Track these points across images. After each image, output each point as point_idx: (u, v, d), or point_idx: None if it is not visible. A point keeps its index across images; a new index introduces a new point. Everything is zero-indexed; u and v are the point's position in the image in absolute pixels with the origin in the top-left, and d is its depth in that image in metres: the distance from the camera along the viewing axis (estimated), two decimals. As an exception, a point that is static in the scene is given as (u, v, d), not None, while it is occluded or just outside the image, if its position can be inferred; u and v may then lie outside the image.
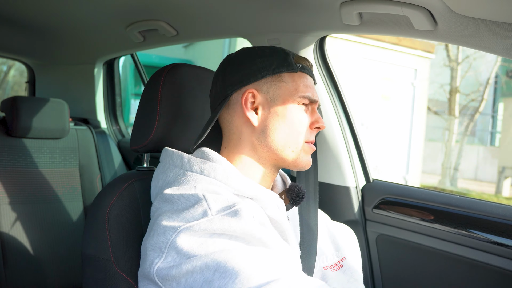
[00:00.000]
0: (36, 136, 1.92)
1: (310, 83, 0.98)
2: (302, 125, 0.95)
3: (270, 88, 0.95)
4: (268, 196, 0.92)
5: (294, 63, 0.96)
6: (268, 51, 0.98)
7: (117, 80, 2.58)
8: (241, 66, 0.96)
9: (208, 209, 0.79)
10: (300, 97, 0.95)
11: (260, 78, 0.94)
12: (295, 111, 0.95)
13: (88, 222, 0.97)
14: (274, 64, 0.95)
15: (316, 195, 1.13)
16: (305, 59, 1.01)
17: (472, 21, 0.97)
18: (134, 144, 1.07)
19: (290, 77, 0.96)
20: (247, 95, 0.94)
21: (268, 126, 0.94)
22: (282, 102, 0.94)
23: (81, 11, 1.64)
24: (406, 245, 1.36)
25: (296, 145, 0.95)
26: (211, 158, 0.93)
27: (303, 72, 0.98)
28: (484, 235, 1.18)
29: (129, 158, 2.33)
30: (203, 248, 0.74)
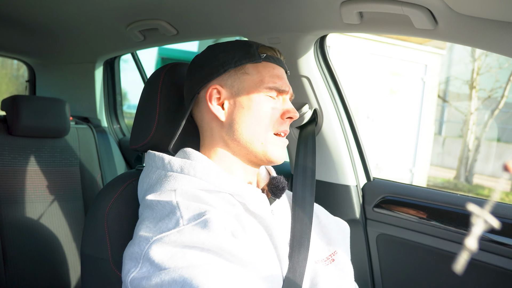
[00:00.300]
0: (36, 135, 1.92)
1: (277, 73, 0.97)
2: (270, 116, 0.94)
3: (234, 81, 0.95)
4: (249, 191, 0.92)
5: (257, 53, 0.96)
6: (230, 45, 0.98)
7: (117, 78, 2.58)
8: (205, 63, 0.98)
9: (180, 218, 0.79)
10: (266, 88, 0.94)
11: (223, 72, 0.95)
12: (261, 103, 0.94)
13: (88, 222, 0.97)
14: (236, 57, 0.95)
15: (312, 189, 1.13)
16: (271, 49, 0.99)
17: (472, 20, 0.96)
18: (134, 143, 1.07)
19: (254, 68, 0.95)
20: (211, 91, 0.95)
21: (235, 119, 0.94)
22: (247, 94, 0.94)
23: (82, 10, 1.64)
24: (407, 244, 1.36)
25: (264, 137, 0.94)
26: (191, 156, 0.94)
27: (269, 62, 0.97)
28: (484, 234, 1.18)
29: (130, 157, 2.33)
30: (173, 261, 0.74)
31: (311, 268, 0.97)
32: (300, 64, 1.43)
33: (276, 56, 0.99)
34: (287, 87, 0.98)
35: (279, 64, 0.99)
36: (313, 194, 1.12)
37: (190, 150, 0.95)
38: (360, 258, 1.45)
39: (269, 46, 1.00)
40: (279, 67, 0.98)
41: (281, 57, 1.01)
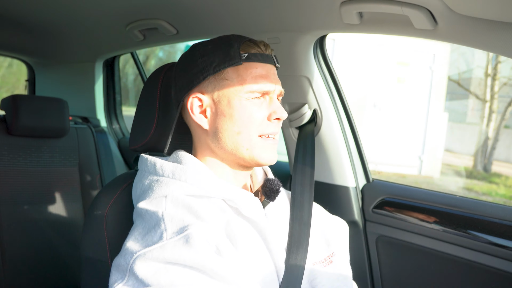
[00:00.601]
0: (36, 135, 1.92)
1: (261, 72, 0.91)
2: (253, 120, 0.90)
3: (214, 88, 0.91)
4: (241, 195, 0.91)
5: (237, 55, 0.90)
6: (210, 47, 0.93)
7: (117, 78, 2.57)
8: (186, 68, 0.94)
9: (164, 231, 0.78)
10: (248, 91, 0.90)
11: (203, 79, 0.91)
12: (243, 108, 0.90)
13: (87, 223, 0.97)
14: (215, 61, 0.91)
15: (311, 189, 1.12)
16: (256, 45, 0.93)
17: (472, 20, 0.96)
18: (133, 143, 1.07)
19: (234, 72, 0.91)
20: (192, 100, 0.93)
21: (218, 128, 0.91)
22: (227, 101, 0.90)
23: (82, 9, 1.64)
24: (406, 246, 1.36)
25: (249, 142, 0.90)
26: (183, 160, 0.93)
27: (251, 62, 0.91)
28: (484, 236, 1.18)
29: (129, 157, 2.32)
30: (156, 278, 0.74)
31: (309, 269, 0.96)
32: (300, 64, 1.42)
33: (261, 52, 0.93)
34: (273, 86, 0.93)
35: (265, 61, 0.93)
36: (312, 194, 1.11)
37: (183, 154, 0.95)
38: (360, 259, 1.45)
39: (254, 42, 0.94)
40: (264, 64, 0.93)
41: (267, 51, 0.95)
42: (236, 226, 0.87)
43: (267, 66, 0.93)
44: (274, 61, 0.96)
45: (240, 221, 0.89)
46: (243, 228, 0.88)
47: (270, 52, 0.95)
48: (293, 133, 1.51)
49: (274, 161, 0.94)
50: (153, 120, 1.02)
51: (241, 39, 0.94)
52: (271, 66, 0.94)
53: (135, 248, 0.78)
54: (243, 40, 0.93)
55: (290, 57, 1.41)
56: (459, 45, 4.42)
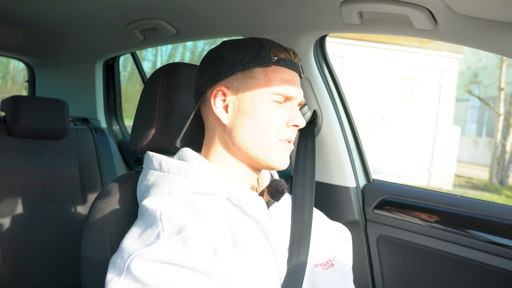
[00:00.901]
0: (36, 136, 1.92)
1: (287, 77, 0.92)
2: (274, 123, 0.91)
3: (240, 85, 0.92)
4: (246, 194, 0.91)
5: (268, 56, 0.91)
6: (242, 45, 0.94)
7: (117, 79, 2.57)
8: (215, 62, 0.95)
9: (161, 232, 0.78)
10: (272, 93, 0.91)
11: (230, 74, 0.92)
12: (266, 109, 0.90)
13: (87, 224, 0.97)
14: (246, 59, 0.91)
15: (312, 190, 1.12)
16: (286, 51, 0.95)
17: (472, 20, 0.96)
18: (134, 144, 1.07)
19: (262, 72, 0.92)
20: (216, 92, 0.93)
21: (237, 125, 0.92)
22: (251, 99, 0.91)
23: (82, 10, 1.64)
24: (407, 246, 1.36)
25: (267, 144, 0.91)
26: (188, 158, 0.93)
27: (280, 66, 0.92)
28: (484, 235, 1.18)
29: (129, 158, 2.32)
30: (153, 277, 0.74)
31: (310, 271, 0.96)
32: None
33: (290, 59, 0.94)
34: (296, 93, 0.94)
35: (292, 68, 0.94)
36: (313, 195, 1.11)
37: (188, 151, 0.95)
38: (361, 259, 1.45)
39: (284, 48, 0.95)
40: (291, 71, 0.94)
41: (295, 59, 0.96)
42: (240, 225, 0.87)
43: (294, 73, 0.95)
44: (300, 70, 0.97)
45: (244, 220, 0.89)
46: (247, 227, 0.88)
47: (297, 61, 0.97)
48: (294, 133, 1.51)
49: (285, 166, 0.94)
50: (154, 121, 1.02)
51: (273, 43, 0.95)
52: (296, 74, 0.96)
53: (132, 247, 0.78)
54: (275, 45, 0.95)
55: (290, 57, 1.41)
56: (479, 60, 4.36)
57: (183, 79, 1.05)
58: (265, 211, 0.94)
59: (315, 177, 1.18)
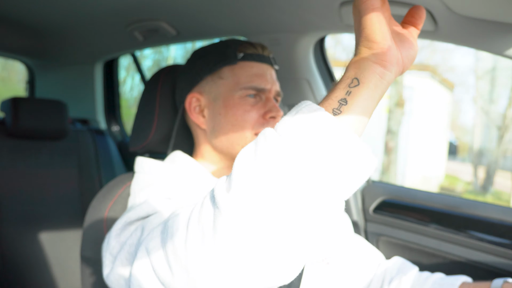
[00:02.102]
0: (35, 137, 1.91)
1: (256, 71, 0.92)
2: (247, 119, 0.90)
3: (211, 88, 0.93)
4: None
5: (233, 54, 0.92)
6: (209, 49, 0.96)
7: (116, 80, 2.57)
8: (187, 70, 0.97)
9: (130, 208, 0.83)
10: (243, 88, 0.91)
11: (200, 80, 0.94)
12: (238, 106, 0.91)
13: (87, 225, 0.97)
14: (212, 61, 0.93)
15: None
16: (252, 46, 0.94)
17: (472, 21, 0.96)
18: (133, 145, 1.07)
19: (229, 71, 0.92)
20: (190, 100, 0.95)
21: (214, 127, 0.93)
22: (223, 100, 0.92)
23: (81, 10, 1.64)
24: (406, 247, 1.36)
25: (244, 140, 0.91)
26: (177, 160, 0.94)
27: (247, 61, 0.92)
28: (484, 236, 1.18)
29: (129, 159, 2.32)
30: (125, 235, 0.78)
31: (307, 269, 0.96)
32: (300, 66, 1.42)
33: (257, 53, 0.94)
34: (268, 84, 0.93)
35: (261, 60, 0.94)
36: None
37: (178, 154, 0.97)
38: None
39: (250, 43, 0.95)
40: (262, 64, 0.94)
41: (264, 52, 0.96)
42: None
43: (263, 66, 0.94)
44: (272, 62, 0.96)
45: None
46: None
47: (267, 54, 0.96)
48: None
49: None
50: (153, 121, 1.02)
51: (239, 41, 0.95)
52: (267, 66, 0.95)
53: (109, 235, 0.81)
54: (241, 42, 0.95)
55: (290, 59, 1.41)
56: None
57: None
58: None
59: None
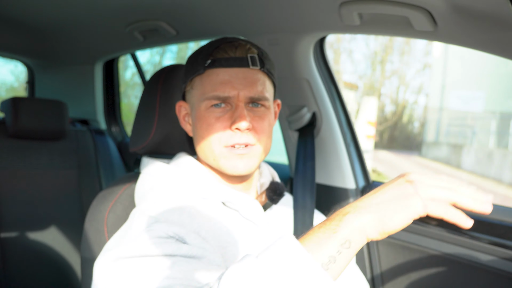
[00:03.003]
0: (35, 137, 1.91)
1: (221, 78, 0.86)
2: (212, 132, 0.87)
3: (189, 97, 0.94)
4: (239, 198, 0.90)
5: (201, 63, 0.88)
6: (191, 55, 0.93)
7: (116, 80, 2.57)
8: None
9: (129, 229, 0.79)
10: (206, 99, 0.87)
11: (183, 89, 0.95)
12: (203, 119, 0.88)
13: (87, 225, 0.97)
14: (187, 70, 0.92)
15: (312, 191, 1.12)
16: (225, 49, 0.88)
17: (472, 21, 0.96)
18: (133, 145, 1.07)
19: (198, 80, 0.90)
20: (179, 108, 0.96)
21: (193, 137, 0.94)
22: (195, 110, 0.91)
23: (81, 11, 1.64)
24: (406, 247, 1.36)
25: (212, 153, 0.88)
26: (183, 163, 0.94)
27: (214, 68, 0.87)
28: (484, 236, 1.18)
29: (128, 159, 2.32)
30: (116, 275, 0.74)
31: None
32: (300, 66, 1.42)
33: (227, 57, 0.87)
34: (234, 91, 0.86)
35: (230, 65, 0.87)
36: (314, 196, 1.11)
37: (184, 157, 0.96)
38: (360, 260, 1.45)
39: (224, 44, 0.89)
40: (229, 69, 0.87)
41: (238, 53, 0.88)
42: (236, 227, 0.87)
43: (232, 71, 0.87)
44: (249, 62, 0.88)
45: (241, 223, 0.89)
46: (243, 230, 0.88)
47: (243, 54, 0.88)
48: (293, 135, 1.51)
49: (242, 172, 0.89)
50: (153, 122, 1.02)
51: (216, 43, 0.90)
52: (238, 70, 0.88)
53: (107, 248, 0.79)
54: (217, 45, 0.89)
55: (289, 59, 1.41)
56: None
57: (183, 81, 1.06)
58: (260, 214, 0.93)
59: (315, 179, 1.18)
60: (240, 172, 0.88)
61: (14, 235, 1.78)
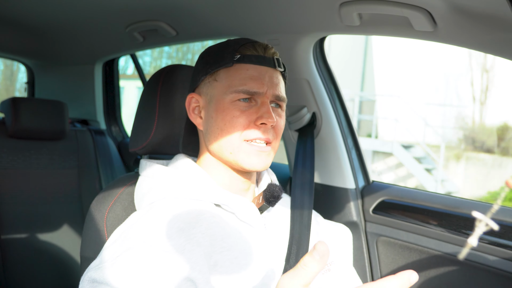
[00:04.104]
0: (35, 137, 1.92)
1: (251, 74, 0.89)
2: (236, 124, 0.87)
3: (208, 89, 0.93)
4: (235, 200, 0.90)
5: (229, 56, 0.89)
6: (211, 49, 0.95)
7: (116, 80, 2.57)
8: (193, 72, 0.98)
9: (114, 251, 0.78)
10: (234, 92, 0.88)
11: (199, 81, 0.94)
12: (227, 110, 0.88)
13: (87, 225, 0.97)
14: (210, 63, 0.92)
15: (311, 192, 1.12)
16: (254, 47, 0.91)
17: (472, 22, 0.96)
18: (133, 146, 1.07)
19: (225, 73, 0.90)
20: (189, 100, 0.95)
21: (207, 129, 0.92)
22: (215, 102, 0.90)
23: (81, 11, 1.64)
24: (406, 247, 1.36)
25: (231, 146, 0.88)
26: (181, 165, 0.94)
27: (243, 63, 0.89)
28: (484, 236, 1.18)
29: (128, 159, 2.32)
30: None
31: None
32: (299, 66, 1.43)
33: (256, 54, 0.90)
34: (264, 87, 0.89)
35: (259, 62, 0.90)
36: (312, 196, 1.11)
37: (182, 158, 0.96)
38: (360, 261, 1.45)
39: (253, 43, 0.92)
40: (258, 67, 0.90)
41: (266, 53, 0.92)
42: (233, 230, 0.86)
43: (261, 68, 0.90)
44: (275, 64, 0.92)
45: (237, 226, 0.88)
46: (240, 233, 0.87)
47: (270, 55, 0.92)
48: (293, 135, 1.51)
49: (260, 167, 0.90)
50: (153, 122, 1.02)
51: (242, 41, 0.92)
52: (267, 68, 0.91)
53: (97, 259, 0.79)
54: (243, 42, 0.92)
55: (289, 59, 1.41)
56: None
57: (183, 81, 1.06)
58: (257, 217, 0.92)
59: (314, 179, 1.18)
60: (257, 168, 0.90)
61: (14, 235, 1.79)
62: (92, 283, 0.73)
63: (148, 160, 0.99)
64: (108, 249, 0.79)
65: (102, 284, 0.72)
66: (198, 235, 0.80)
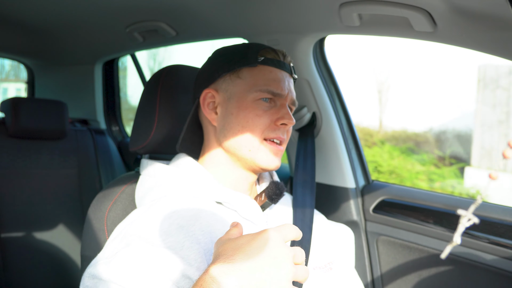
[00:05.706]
0: (35, 137, 1.92)
1: (274, 76, 0.93)
2: (258, 123, 0.90)
3: (228, 86, 0.93)
4: (238, 198, 0.90)
5: (254, 56, 0.92)
6: (231, 48, 0.96)
7: (116, 80, 2.57)
8: (207, 67, 0.98)
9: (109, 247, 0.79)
10: (258, 90, 0.91)
11: (218, 77, 0.94)
12: (250, 109, 0.91)
13: (87, 224, 0.97)
14: (232, 60, 0.93)
15: (312, 191, 1.12)
16: (273, 51, 0.96)
17: (472, 22, 0.96)
18: (134, 145, 1.07)
19: (248, 72, 0.92)
20: (205, 95, 0.95)
21: (224, 126, 0.93)
22: (237, 99, 0.92)
23: (81, 11, 1.64)
24: (406, 246, 1.36)
25: (251, 144, 0.90)
26: (182, 164, 0.94)
27: (267, 65, 0.93)
28: (483, 235, 1.18)
29: (129, 159, 2.32)
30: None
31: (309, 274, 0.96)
32: (299, 67, 1.43)
33: (278, 59, 0.95)
34: (285, 90, 0.93)
35: (280, 67, 0.94)
36: (314, 195, 1.11)
37: (183, 157, 0.96)
38: (360, 260, 1.45)
39: (272, 49, 0.96)
40: (279, 71, 0.94)
41: (285, 59, 0.97)
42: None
43: (282, 73, 0.95)
44: (291, 71, 0.98)
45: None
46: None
47: (288, 62, 0.97)
48: (293, 135, 1.51)
49: (274, 166, 0.93)
50: (154, 122, 1.02)
51: (261, 45, 0.96)
52: (286, 73, 0.96)
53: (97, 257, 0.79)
54: (263, 46, 0.96)
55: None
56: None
57: (183, 81, 1.06)
58: (259, 214, 0.93)
59: (315, 178, 1.18)
60: (272, 167, 0.93)
61: (14, 235, 1.79)
62: (92, 279, 0.74)
63: (148, 160, 1.00)
64: (109, 246, 0.80)
65: (102, 279, 0.72)
66: (198, 232, 0.80)
